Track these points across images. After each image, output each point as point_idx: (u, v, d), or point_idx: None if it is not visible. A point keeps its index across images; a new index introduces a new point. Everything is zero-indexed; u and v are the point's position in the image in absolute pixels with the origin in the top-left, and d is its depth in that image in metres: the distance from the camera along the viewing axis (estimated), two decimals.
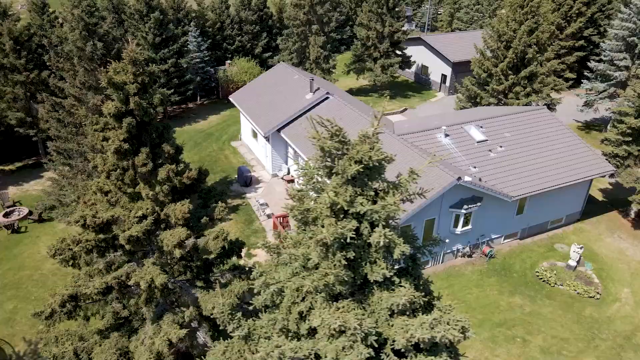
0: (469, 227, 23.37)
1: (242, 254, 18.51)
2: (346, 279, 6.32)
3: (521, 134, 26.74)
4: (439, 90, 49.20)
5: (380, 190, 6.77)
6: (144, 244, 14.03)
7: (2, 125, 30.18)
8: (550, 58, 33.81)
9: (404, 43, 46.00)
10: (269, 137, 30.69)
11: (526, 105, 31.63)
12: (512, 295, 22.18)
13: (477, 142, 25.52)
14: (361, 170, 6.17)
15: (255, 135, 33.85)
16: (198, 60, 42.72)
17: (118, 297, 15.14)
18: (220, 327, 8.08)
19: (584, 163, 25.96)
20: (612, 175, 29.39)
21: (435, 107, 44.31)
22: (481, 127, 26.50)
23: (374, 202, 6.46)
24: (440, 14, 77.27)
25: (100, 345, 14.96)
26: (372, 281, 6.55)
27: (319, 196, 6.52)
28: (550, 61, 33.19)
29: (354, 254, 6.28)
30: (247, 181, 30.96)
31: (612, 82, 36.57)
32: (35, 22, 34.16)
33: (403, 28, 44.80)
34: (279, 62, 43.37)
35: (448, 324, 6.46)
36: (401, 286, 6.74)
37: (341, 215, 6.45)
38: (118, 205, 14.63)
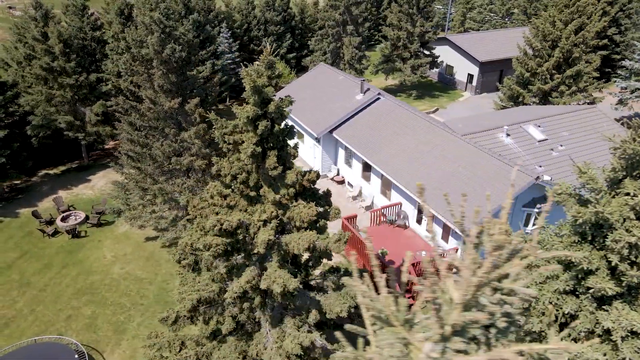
0: None
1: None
2: (637, 281, 6.45)
3: (578, 132, 27.00)
4: (465, 90, 49.49)
5: None
6: (272, 247, 13.97)
7: (49, 129, 29.78)
8: (594, 58, 34.17)
9: (431, 43, 46.24)
10: (319, 138, 30.64)
11: (569, 104, 31.96)
12: None
13: (538, 142, 25.73)
14: None
15: (300, 135, 33.75)
16: (230, 61, 42.56)
17: (235, 301, 15.04)
18: None
19: None
20: None
21: (465, 107, 44.58)
22: (539, 126, 26.73)
23: None
24: (452, 14, 77.62)
25: (219, 350, 14.88)
26: None
27: (595, 200, 6.61)
28: (595, 61, 33.55)
29: None
30: None
31: None
32: (74, 24, 33.72)
33: (432, 28, 45.06)
34: (311, 62, 43.36)
35: None
36: None
37: None
38: (236, 209, 14.57)
